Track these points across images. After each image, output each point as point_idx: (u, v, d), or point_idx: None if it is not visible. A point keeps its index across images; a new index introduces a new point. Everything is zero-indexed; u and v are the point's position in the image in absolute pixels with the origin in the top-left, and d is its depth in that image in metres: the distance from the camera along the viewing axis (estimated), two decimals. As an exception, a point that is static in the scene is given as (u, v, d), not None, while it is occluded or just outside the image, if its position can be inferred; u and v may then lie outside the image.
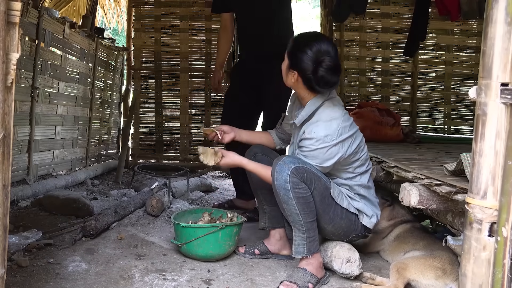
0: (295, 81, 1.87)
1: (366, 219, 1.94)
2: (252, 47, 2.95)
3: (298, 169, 1.76)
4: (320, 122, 1.82)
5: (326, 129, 1.79)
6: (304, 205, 1.78)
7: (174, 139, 4.84)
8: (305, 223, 1.79)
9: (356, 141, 1.87)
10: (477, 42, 4.68)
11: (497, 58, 1.11)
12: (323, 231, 1.93)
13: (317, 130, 1.79)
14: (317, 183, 1.81)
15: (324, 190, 1.84)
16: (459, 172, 1.57)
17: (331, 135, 1.78)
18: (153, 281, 1.83)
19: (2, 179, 1.05)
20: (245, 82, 2.93)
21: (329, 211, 1.86)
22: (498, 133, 1.12)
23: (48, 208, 2.76)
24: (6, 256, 1.10)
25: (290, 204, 1.77)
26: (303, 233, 1.81)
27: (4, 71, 1.02)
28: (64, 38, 3.64)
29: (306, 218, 1.79)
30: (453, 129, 4.81)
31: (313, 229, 1.83)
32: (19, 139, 3.12)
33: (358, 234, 1.97)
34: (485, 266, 1.14)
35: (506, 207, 1.08)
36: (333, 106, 1.88)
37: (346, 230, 1.93)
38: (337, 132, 1.79)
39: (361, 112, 3.74)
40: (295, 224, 1.82)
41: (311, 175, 1.79)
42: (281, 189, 1.77)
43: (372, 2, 4.62)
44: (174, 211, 2.73)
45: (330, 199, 1.86)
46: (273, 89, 2.75)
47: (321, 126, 1.80)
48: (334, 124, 1.81)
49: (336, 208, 1.87)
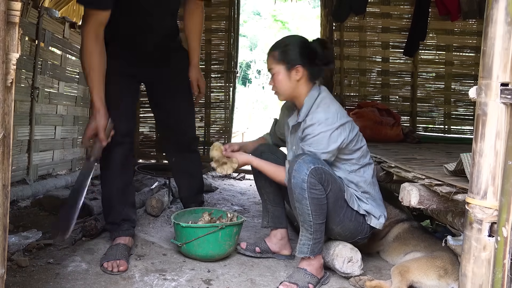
0: (300, 76, 1.92)
1: (374, 220, 1.95)
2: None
3: (317, 170, 1.76)
4: (320, 108, 1.89)
5: (325, 113, 1.86)
6: (317, 207, 1.78)
7: (174, 139, 4.84)
8: (315, 224, 1.80)
9: (355, 128, 1.95)
10: (477, 42, 4.68)
11: (497, 58, 1.11)
12: (330, 232, 1.94)
13: (317, 115, 1.86)
14: (333, 185, 1.82)
15: (339, 192, 1.85)
16: (459, 172, 1.57)
17: (331, 118, 1.85)
18: (153, 281, 1.83)
19: (2, 179, 1.05)
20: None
21: (340, 213, 1.87)
22: (498, 133, 1.12)
23: (48, 208, 2.76)
24: (6, 256, 1.10)
25: (304, 204, 1.77)
26: (310, 234, 1.81)
27: (4, 71, 1.02)
28: (64, 38, 3.64)
29: (317, 219, 1.79)
30: (453, 129, 4.80)
31: (321, 231, 1.83)
32: (19, 139, 3.12)
33: (363, 236, 1.98)
34: (485, 266, 1.14)
35: (506, 207, 1.08)
36: (327, 96, 1.97)
37: (353, 232, 1.94)
38: (336, 115, 1.86)
39: (361, 112, 3.75)
40: (304, 224, 1.82)
41: (329, 177, 1.81)
42: (297, 188, 1.77)
43: (372, 2, 4.62)
44: (174, 211, 2.73)
45: (343, 202, 1.87)
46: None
47: (321, 111, 1.87)
48: (332, 108, 1.89)
49: (347, 210, 1.88)
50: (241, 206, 3.37)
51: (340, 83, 4.67)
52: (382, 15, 4.73)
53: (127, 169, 2.23)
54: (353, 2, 4.25)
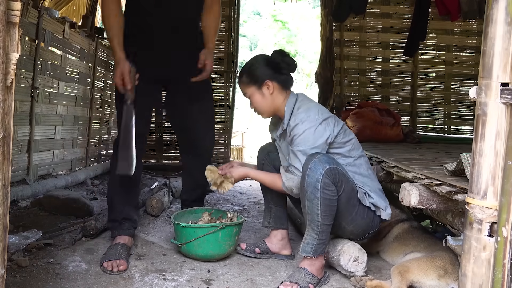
0: (272, 90, 1.98)
1: (383, 212, 1.97)
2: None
3: (332, 170, 1.78)
4: (300, 109, 1.96)
5: (306, 112, 1.92)
6: (327, 207, 1.79)
7: (174, 139, 4.82)
8: (322, 225, 1.80)
9: (340, 122, 1.98)
10: (477, 42, 4.69)
11: (497, 58, 1.11)
12: (342, 231, 1.96)
13: (299, 116, 1.91)
14: (346, 185, 1.84)
15: (351, 192, 1.86)
16: (459, 172, 1.57)
17: (313, 115, 1.90)
18: (153, 281, 1.83)
19: (2, 179, 1.05)
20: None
21: (352, 211, 1.88)
22: (498, 133, 1.12)
23: (48, 208, 2.76)
24: (6, 256, 1.10)
25: (314, 203, 1.78)
26: (316, 234, 1.81)
27: (4, 71, 1.02)
28: (64, 38, 3.64)
29: (325, 220, 1.80)
30: (453, 129, 4.81)
31: (327, 233, 1.84)
32: (19, 139, 3.12)
33: (373, 230, 2.00)
34: (485, 266, 1.14)
35: (506, 207, 1.08)
36: (305, 99, 2.03)
37: (365, 229, 1.96)
38: (317, 112, 1.92)
39: (361, 112, 3.75)
40: (311, 224, 1.82)
41: (342, 177, 1.82)
42: (310, 187, 1.77)
43: (372, 2, 4.62)
44: (174, 211, 2.73)
45: (356, 201, 1.88)
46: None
47: (302, 112, 1.93)
48: (312, 107, 1.96)
49: (359, 208, 1.90)
50: (241, 206, 3.37)
51: (340, 83, 4.67)
52: (382, 15, 4.73)
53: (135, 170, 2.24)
54: (353, 2, 4.26)
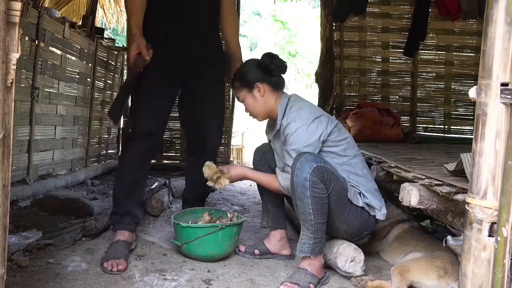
0: (263, 92, 2.00)
1: (378, 213, 1.97)
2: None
3: (319, 168, 1.78)
4: (292, 109, 1.96)
5: (298, 110, 1.93)
6: (318, 206, 1.79)
7: (174, 139, 4.84)
8: (316, 223, 1.80)
9: (333, 121, 1.99)
10: (477, 42, 4.68)
11: (497, 58, 1.11)
12: (336, 230, 1.95)
13: (291, 115, 1.92)
14: (336, 183, 1.84)
15: (341, 191, 1.86)
16: (459, 172, 1.57)
17: (305, 113, 1.91)
18: (153, 281, 1.83)
19: (2, 179, 1.05)
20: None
21: (344, 211, 1.88)
22: (498, 133, 1.12)
23: (48, 208, 2.76)
24: (6, 256, 1.10)
25: (305, 203, 1.78)
26: (311, 233, 1.82)
27: (4, 71, 1.02)
28: (64, 38, 3.64)
29: (318, 219, 1.80)
30: (453, 129, 4.80)
31: (322, 231, 1.84)
32: (19, 139, 3.12)
33: (369, 231, 2.00)
34: (485, 266, 1.14)
35: (506, 207, 1.08)
36: (297, 99, 2.05)
37: (359, 229, 1.95)
38: (309, 111, 1.93)
39: (361, 112, 3.75)
40: (305, 223, 1.83)
41: (331, 175, 1.82)
42: (299, 186, 1.78)
43: (372, 2, 4.62)
44: (174, 211, 2.73)
45: (346, 200, 1.88)
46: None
47: (294, 111, 1.94)
48: (304, 105, 1.97)
49: (352, 208, 1.90)
50: (241, 206, 3.37)
51: (340, 83, 4.67)
52: (382, 15, 4.73)
53: (142, 167, 2.26)
54: (353, 2, 4.26)
